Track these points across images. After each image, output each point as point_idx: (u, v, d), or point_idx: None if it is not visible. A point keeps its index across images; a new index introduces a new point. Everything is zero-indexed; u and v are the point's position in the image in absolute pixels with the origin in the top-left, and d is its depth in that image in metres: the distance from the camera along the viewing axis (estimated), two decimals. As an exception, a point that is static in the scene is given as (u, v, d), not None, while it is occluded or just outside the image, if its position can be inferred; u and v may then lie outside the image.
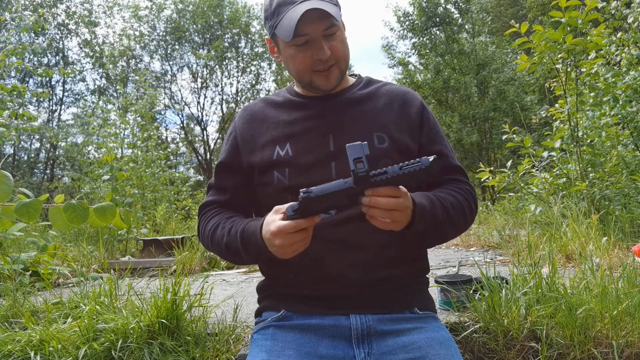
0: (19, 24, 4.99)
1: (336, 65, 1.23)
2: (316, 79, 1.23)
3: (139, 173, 6.36)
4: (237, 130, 1.33)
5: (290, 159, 1.22)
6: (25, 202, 2.27)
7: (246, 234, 1.14)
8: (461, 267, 2.98)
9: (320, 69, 1.22)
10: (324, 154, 1.22)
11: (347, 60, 1.26)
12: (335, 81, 1.25)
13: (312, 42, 1.18)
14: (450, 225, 1.16)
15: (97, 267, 3.28)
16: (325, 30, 1.17)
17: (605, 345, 1.51)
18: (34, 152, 22.75)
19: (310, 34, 1.17)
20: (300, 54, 1.20)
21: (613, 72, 4.14)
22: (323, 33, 1.18)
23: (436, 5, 18.11)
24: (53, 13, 21.19)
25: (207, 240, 1.26)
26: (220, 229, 1.22)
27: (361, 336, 1.15)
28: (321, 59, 1.19)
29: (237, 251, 1.17)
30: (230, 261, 1.28)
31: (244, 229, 1.15)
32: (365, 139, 1.22)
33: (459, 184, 1.26)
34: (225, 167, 1.33)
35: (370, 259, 1.18)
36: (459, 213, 1.18)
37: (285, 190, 1.20)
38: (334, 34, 1.19)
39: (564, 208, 3.59)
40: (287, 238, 1.03)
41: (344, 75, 1.27)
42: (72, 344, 1.50)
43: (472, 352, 1.57)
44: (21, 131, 4.75)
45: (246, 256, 1.16)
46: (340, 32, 1.22)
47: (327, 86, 1.25)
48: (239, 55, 23.61)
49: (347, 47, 1.25)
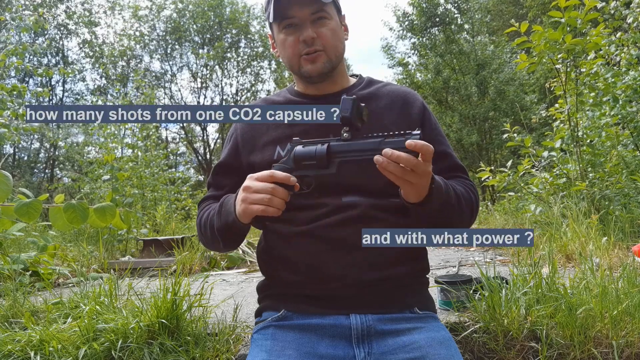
0: (19, 24, 5.00)
1: (324, 52, 1.24)
2: (304, 64, 1.25)
3: (139, 173, 6.36)
4: (238, 130, 1.35)
5: None
6: (25, 202, 2.27)
7: (226, 200, 1.18)
8: (461, 267, 2.98)
9: (307, 53, 1.23)
10: None
11: (338, 51, 1.28)
12: (322, 67, 1.25)
13: (299, 25, 1.22)
14: (458, 214, 1.18)
15: (97, 267, 3.29)
16: (312, 14, 1.21)
17: (605, 345, 1.51)
18: (34, 152, 22.75)
19: (297, 16, 1.21)
20: (289, 38, 1.24)
21: (613, 72, 4.14)
22: (310, 17, 1.21)
23: (436, 5, 18.10)
24: (53, 13, 21.19)
25: (200, 229, 1.29)
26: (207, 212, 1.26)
27: (361, 336, 1.15)
28: (305, 40, 1.21)
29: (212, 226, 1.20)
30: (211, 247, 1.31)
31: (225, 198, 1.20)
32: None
33: (464, 181, 1.28)
34: (224, 167, 1.35)
35: (370, 259, 1.18)
36: (467, 203, 1.21)
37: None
38: (322, 19, 1.22)
39: (564, 208, 3.59)
40: (255, 183, 1.05)
41: (333, 65, 1.28)
42: (72, 344, 1.50)
43: (472, 352, 1.57)
44: (21, 131, 4.76)
45: (217, 222, 1.18)
46: (331, 23, 1.25)
47: (313, 71, 1.25)
48: (238, 55, 23.61)
49: (338, 38, 1.27)
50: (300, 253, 1.20)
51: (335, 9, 1.29)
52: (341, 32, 1.30)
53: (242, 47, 23.66)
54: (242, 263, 3.73)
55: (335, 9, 1.28)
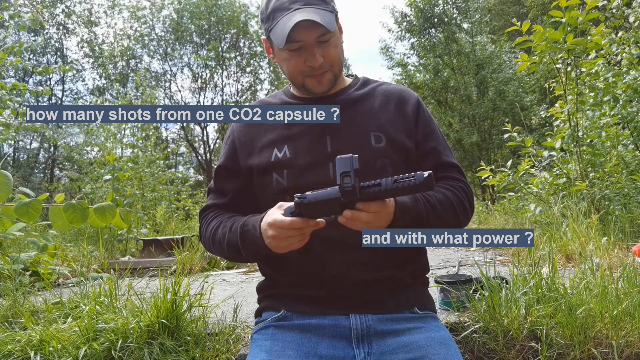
0: (17, 22, 5.00)
1: (330, 70, 1.23)
2: (309, 82, 1.24)
3: (139, 173, 6.36)
4: (235, 133, 1.34)
5: (288, 161, 1.23)
6: (25, 202, 2.27)
7: (245, 228, 1.15)
8: (461, 267, 2.98)
9: (313, 75, 1.22)
10: (321, 155, 1.22)
11: (342, 64, 1.27)
12: (328, 85, 1.25)
13: (305, 48, 1.19)
14: (437, 222, 1.16)
15: (97, 267, 3.28)
16: (318, 37, 1.18)
17: (605, 345, 1.51)
18: (34, 152, 22.74)
19: (304, 40, 1.17)
20: (294, 59, 1.21)
21: (613, 72, 4.14)
22: (316, 40, 1.18)
23: (434, 5, 18.09)
24: (52, 13, 21.17)
25: (209, 241, 1.26)
26: (221, 229, 1.22)
27: (361, 336, 1.15)
28: (313, 66, 1.19)
29: (236, 247, 1.17)
30: (232, 260, 1.28)
31: (244, 224, 1.16)
32: (362, 138, 1.23)
33: (452, 181, 1.26)
34: (224, 171, 1.33)
35: (370, 259, 1.18)
36: (447, 209, 1.18)
37: (284, 192, 1.20)
38: (327, 40, 1.19)
39: (564, 208, 3.59)
40: (280, 232, 1.04)
41: (337, 79, 1.27)
42: (72, 344, 1.50)
43: (472, 352, 1.57)
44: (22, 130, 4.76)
45: (245, 251, 1.16)
46: (334, 38, 1.22)
47: (319, 89, 1.25)
48: (239, 55, 23.60)
49: (341, 50, 1.25)
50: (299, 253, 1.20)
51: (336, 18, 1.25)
52: (341, 40, 1.28)
53: (242, 46, 23.65)
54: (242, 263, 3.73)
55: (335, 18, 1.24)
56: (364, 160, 1.17)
